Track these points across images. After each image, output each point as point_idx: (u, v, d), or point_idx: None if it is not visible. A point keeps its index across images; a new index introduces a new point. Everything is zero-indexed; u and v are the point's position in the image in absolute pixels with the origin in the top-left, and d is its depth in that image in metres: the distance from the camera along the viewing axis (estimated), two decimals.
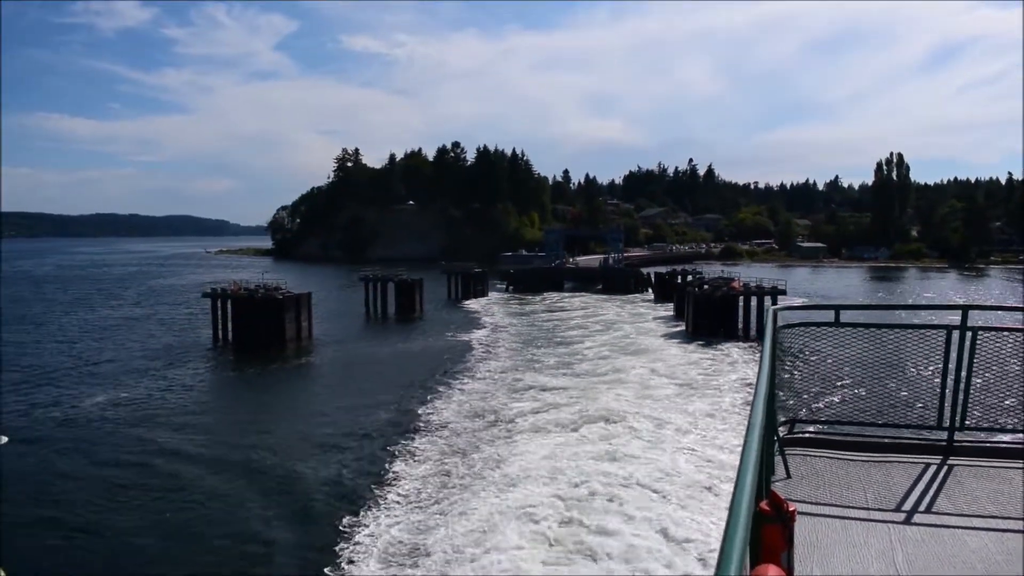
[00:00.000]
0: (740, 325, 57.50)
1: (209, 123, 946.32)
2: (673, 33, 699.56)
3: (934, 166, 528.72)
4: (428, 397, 37.25)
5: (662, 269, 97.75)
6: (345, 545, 20.10)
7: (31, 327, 65.54)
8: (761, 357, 5.25)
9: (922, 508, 5.56)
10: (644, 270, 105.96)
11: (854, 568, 4.59)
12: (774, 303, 56.17)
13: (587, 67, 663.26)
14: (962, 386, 6.74)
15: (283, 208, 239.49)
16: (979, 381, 6.64)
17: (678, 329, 60.07)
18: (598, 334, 58.94)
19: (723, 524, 2.72)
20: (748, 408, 24.27)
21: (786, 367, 6.76)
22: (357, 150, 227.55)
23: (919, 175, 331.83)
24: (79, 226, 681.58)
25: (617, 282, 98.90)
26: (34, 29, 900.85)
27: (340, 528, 21.19)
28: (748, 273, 70.70)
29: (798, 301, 79.86)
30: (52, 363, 47.85)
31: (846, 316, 6.93)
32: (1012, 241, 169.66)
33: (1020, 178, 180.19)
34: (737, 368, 44.37)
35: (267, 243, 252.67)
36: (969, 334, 6.63)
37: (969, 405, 6.77)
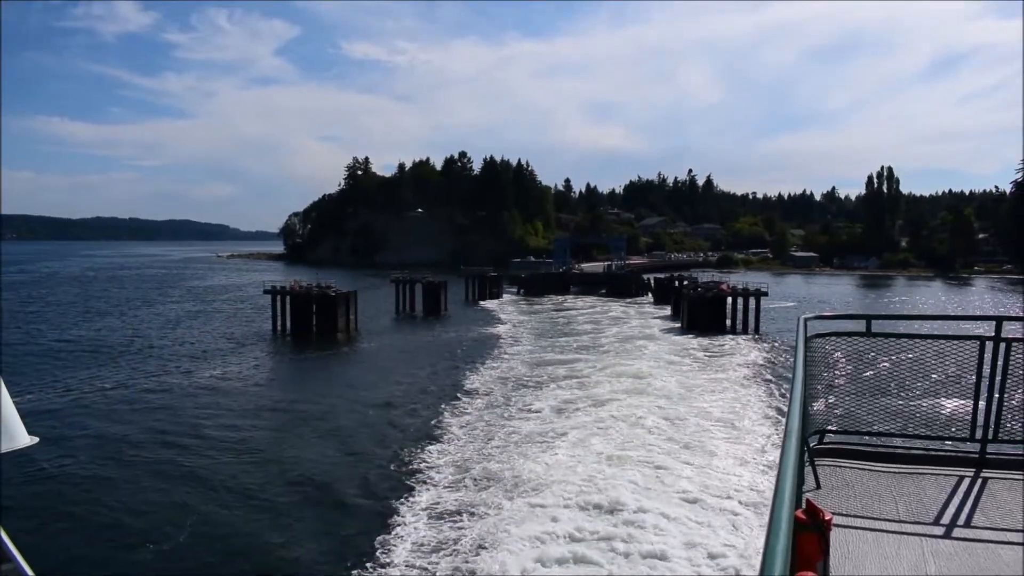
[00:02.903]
0: (729, 321, 65.80)
1: (210, 128, 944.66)
2: (674, 41, 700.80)
3: (934, 175, 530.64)
4: (469, 371, 45.55)
5: (661, 275, 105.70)
6: (421, 464, 27.22)
7: (115, 319, 75.44)
8: (794, 366, 5.35)
9: (955, 521, 5.54)
10: (644, 276, 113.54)
11: None
12: (757, 304, 65.19)
13: (588, 74, 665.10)
14: (996, 398, 6.71)
15: (295, 214, 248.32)
16: (1013, 393, 6.67)
17: (676, 325, 68.69)
18: (611, 326, 68.29)
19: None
20: (756, 383, 33.89)
21: (816, 376, 6.83)
22: (367, 159, 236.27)
23: (919, 185, 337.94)
24: (80, 229, 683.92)
25: (620, 286, 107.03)
26: (35, 32, 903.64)
27: (415, 454, 28.36)
28: (742, 280, 78.68)
29: (788, 304, 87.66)
30: (151, 346, 56.97)
31: (877, 326, 7.07)
32: (996, 252, 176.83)
33: (1008, 190, 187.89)
34: (740, 352, 53.08)
35: (271, 247, 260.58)
36: (1003, 345, 6.63)
37: (1003, 417, 6.73)
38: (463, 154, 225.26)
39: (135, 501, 23.97)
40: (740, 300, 66.69)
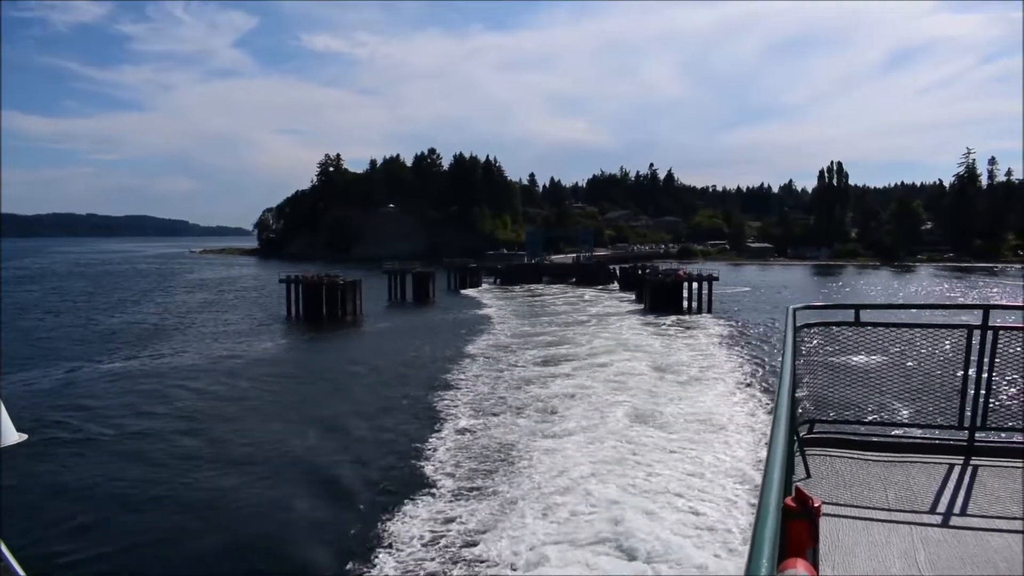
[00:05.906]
0: (685, 304, 75.22)
1: (168, 121, 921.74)
2: (635, 35, 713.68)
3: (894, 167, 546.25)
4: (467, 342, 53.58)
5: (626, 265, 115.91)
6: (443, 404, 34.21)
7: (144, 307, 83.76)
8: (782, 356, 5.47)
9: (944, 508, 5.65)
10: (610, 266, 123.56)
11: (876, 568, 4.70)
12: (710, 287, 74.68)
13: (551, 68, 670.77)
14: (983, 386, 6.82)
15: (268, 209, 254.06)
16: (1001, 381, 6.82)
17: (640, 307, 78.27)
18: (587, 307, 78.56)
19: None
20: (725, 347, 44.73)
21: (805, 366, 6.92)
22: (339, 155, 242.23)
23: (879, 177, 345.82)
24: (38, 226, 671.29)
25: (589, 275, 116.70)
26: None
27: (436, 398, 35.38)
28: (699, 269, 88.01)
29: (743, 289, 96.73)
30: (188, 326, 65.25)
31: (865, 315, 7.15)
32: (939, 241, 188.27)
33: (951, 182, 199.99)
34: (704, 326, 62.27)
35: (233, 242, 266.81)
36: (991, 334, 6.73)
37: (991, 405, 6.84)
38: (432, 150, 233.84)
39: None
40: (695, 284, 76.18)
